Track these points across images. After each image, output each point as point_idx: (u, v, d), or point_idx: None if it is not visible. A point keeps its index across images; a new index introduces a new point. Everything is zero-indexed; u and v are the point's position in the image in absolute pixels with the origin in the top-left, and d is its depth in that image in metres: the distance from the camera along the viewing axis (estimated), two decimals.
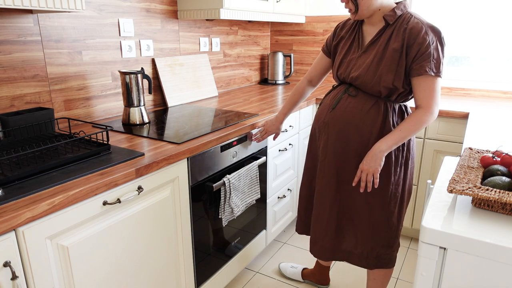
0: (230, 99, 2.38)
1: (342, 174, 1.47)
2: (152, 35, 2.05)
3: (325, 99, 1.55)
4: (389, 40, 1.34)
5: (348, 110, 1.41)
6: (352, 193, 1.47)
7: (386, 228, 1.47)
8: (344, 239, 1.54)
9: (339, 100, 1.45)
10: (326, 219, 1.52)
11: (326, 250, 1.56)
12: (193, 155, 1.47)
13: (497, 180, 0.93)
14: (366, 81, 1.37)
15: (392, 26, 1.35)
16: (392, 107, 1.41)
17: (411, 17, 1.33)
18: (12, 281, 0.94)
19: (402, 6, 1.35)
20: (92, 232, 1.13)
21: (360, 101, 1.40)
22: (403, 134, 1.35)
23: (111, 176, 1.14)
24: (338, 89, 1.49)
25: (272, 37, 3.17)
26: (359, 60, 1.40)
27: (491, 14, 2.41)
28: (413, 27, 1.29)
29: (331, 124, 1.45)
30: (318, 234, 1.57)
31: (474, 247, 0.81)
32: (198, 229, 1.59)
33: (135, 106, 1.70)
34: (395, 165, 1.43)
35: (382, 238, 1.48)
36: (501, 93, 2.46)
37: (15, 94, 1.49)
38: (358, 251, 1.52)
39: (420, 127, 1.35)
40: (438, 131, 2.16)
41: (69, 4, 1.29)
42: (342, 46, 1.50)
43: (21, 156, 1.19)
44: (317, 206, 1.55)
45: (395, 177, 1.44)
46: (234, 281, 2.06)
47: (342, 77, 1.46)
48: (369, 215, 1.46)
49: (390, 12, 1.34)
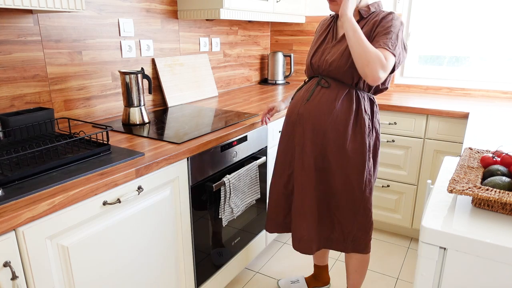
0: (230, 99, 2.38)
1: (320, 162, 1.51)
2: (152, 35, 2.05)
3: (297, 94, 1.61)
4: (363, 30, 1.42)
5: (323, 101, 1.47)
6: (331, 182, 1.52)
7: (361, 212, 1.53)
8: (323, 227, 1.59)
9: (313, 92, 1.51)
10: (309, 212, 1.55)
11: (313, 242, 1.58)
12: (193, 155, 1.47)
13: (497, 180, 0.93)
14: (340, 66, 1.43)
15: (365, 19, 1.45)
16: (363, 96, 1.48)
17: (383, 12, 1.44)
18: (12, 281, 0.94)
19: (376, 5, 1.48)
20: (92, 232, 1.13)
21: (333, 91, 1.47)
22: (361, 35, 1.34)
23: (111, 176, 1.14)
24: (310, 83, 1.56)
25: (272, 37, 3.17)
26: (333, 49, 1.49)
27: (491, 14, 2.41)
28: (382, 15, 1.41)
29: (306, 116, 1.50)
30: (303, 229, 1.57)
31: (474, 247, 0.81)
32: (198, 229, 1.59)
33: (135, 106, 1.70)
34: (368, 153, 1.49)
35: (359, 221, 1.54)
36: (501, 93, 2.46)
37: (15, 94, 1.49)
38: (336, 235, 1.59)
39: (370, 56, 1.31)
40: (438, 131, 2.16)
41: (69, 4, 1.29)
42: (317, 38, 1.59)
43: (21, 156, 1.19)
44: (300, 200, 1.55)
45: (369, 163, 1.51)
46: (234, 281, 2.06)
47: (317, 64, 1.52)
48: (346, 200, 1.51)
49: (365, 8, 1.46)
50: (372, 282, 2.05)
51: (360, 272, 1.74)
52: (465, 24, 2.50)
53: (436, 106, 2.18)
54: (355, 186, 1.49)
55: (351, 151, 1.47)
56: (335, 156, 1.48)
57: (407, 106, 2.19)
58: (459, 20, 2.51)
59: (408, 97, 2.48)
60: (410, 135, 2.25)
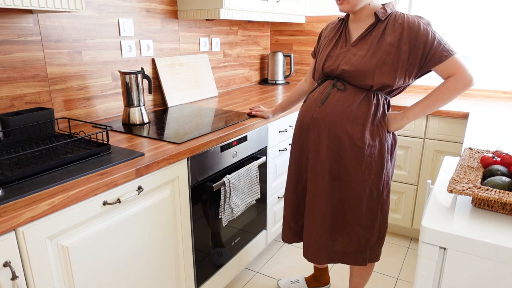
0: (230, 99, 2.38)
1: (336, 169, 1.44)
2: (152, 35, 2.05)
3: (310, 96, 1.52)
4: (383, 35, 1.36)
5: (339, 104, 1.40)
6: (347, 187, 1.45)
7: (380, 217, 1.49)
8: (338, 239, 1.52)
9: (328, 95, 1.43)
10: (320, 220, 1.49)
11: (321, 252, 1.53)
12: (193, 155, 1.47)
13: (497, 180, 0.93)
14: (359, 73, 1.36)
15: (383, 22, 1.37)
16: (381, 99, 1.42)
17: (402, 14, 1.37)
18: (12, 281, 0.94)
19: (391, 5, 1.41)
20: (92, 232, 1.13)
21: (350, 94, 1.40)
22: (430, 101, 1.37)
23: (111, 176, 1.14)
24: (324, 85, 1.47)
25: (272, 37, 3.17)
26: (348, 54, 1.40)
27: (491, 14, 2.41)
28: (410, 22, 1.33)
29: (321, 120, 1.43)
30: (311, 237, 1.53)
31: (474, 247, 0.81)
32: (198, 229, 1.59)
33: (135, 106, 1.70)
34: (387, 154, 1.45)
35: (377, 227, 1.49)
36: (501, 93, 2.46)
37: (15, 94, 1.49)
38: (353, 248, 1.51)
39: (450, 94, 1.34)
40: (438, 131, 2.16)
41: (69, 4, 1.29)
42: (327, 43, 1.50)
43: (21, 156, 1.19)
44: (310, 208, 1.51)
45: (387, 165, 1.46)
46: (234, 281, 2.06)
47: (330, 69, 1.44)
48: (366, 206, 1.46)
49: (381, 9, 1.37)
50: (372, 282, 2.05)
51: (363, 276, 1.72)
52: (465, 24, 2.50)
53: None
54: (374, 190, 1.44)
55: (370, 156, 1.41)
56: (353, 163, 1.41)
57: (407, 106, 2.19)
58: (459, 20, 2.51)
59: (408, 97, 2.48)
60: (410, 135, 2.25)
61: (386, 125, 1.43)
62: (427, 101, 1.38)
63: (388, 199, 1.50)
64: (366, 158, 1.41)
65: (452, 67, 1.32)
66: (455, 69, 1.32)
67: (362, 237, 1.49)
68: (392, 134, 1.48)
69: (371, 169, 1.42)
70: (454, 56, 1.31)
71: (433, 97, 1.37)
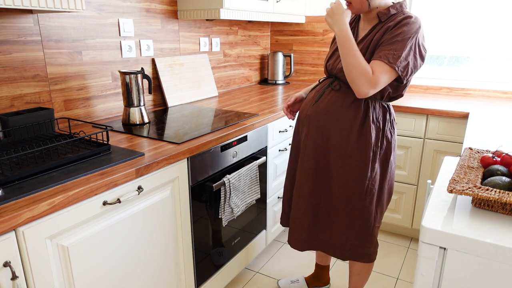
0: (230, 99, 2.38)
1: (321, 167, 1.49)
2: (152, 35, 2.05)
3: (310, 93, 1.57)
4: (375, 36, 1.36)
5: (330, 104, 1.43)
6: (330, 186, 1.49)
7: (359, 222, 1.48)
8: (320, 230, 1.57)
9: (322, 94, 1.47)
10: (303, 211, 1.55)
11: (302, 239, 1.59)
12: (193, 155, 1.47)
13: (497, 180, 0.93)
14: None
15: (383, 23, 1.36)
16: (373, 104, 1.41)
17: (407, 15, 1.33)
18: (12, 281, 0.94)
19: (398, 5, 1.37)
20: (92, 232, 1.13)
21: (342, 95, 1.42)
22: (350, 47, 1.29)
23: (111, 176, 1.14)
24: (323, 83, 1.52)
25: (272, 37, 3.17)
26: None
27: (491, 14, 2.41)
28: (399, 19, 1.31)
29: (312, 117, 1.47)
30: (295, 225, 1.59)
31: (474, 247, 0.81)
32: (198, 229, 1.59)
33: (135, 106, 1.70)
34: (372, 161, 1.43)
35: (356, 231, 1.49)
36: (501, 93, 2.46)
37: (15, 94, 1.49)
38: (333, 241, 1.55)
39: (355, 68, 1.28)
40: (438, 131, 2.16)
41: (69, 4, 1.29)
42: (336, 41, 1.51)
43: (21, 156, 1.19)
44: (295, 197, 1.58)
45: (372, 173, 1.44)
46: (234, 281, 2.06)
47: (331, 67, 1.48)
48: (345, 207, 1.47)
49: (384, 10, 1.36)
50: (372, 282, 2.05)
51: (362, 276, 1.73)
52: (465, 24, 2.50)
53: (436, 106, 2.18)
54: (354, 194, 1.45)
55: (353, 159, 1.42)
56: (336, 161, 1.45)
57: (407, 106, 2.19)
58: (459, 20, 2.51)
59: (408, 97, 2.48)
60: (410, 135, 2.25)
61: None
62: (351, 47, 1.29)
63: (373, 207, 1.47)
64: (349, 161, 1.43)
65: (378, 67, 1.28)
66: (377, 70, 1.28)
67: (342, 234, 1.52)
68: (387, 143, 1.45)
69: (352, 173, 1.43)
70: (388, 65, 1.27)
71: (352, 52, 1.29)
